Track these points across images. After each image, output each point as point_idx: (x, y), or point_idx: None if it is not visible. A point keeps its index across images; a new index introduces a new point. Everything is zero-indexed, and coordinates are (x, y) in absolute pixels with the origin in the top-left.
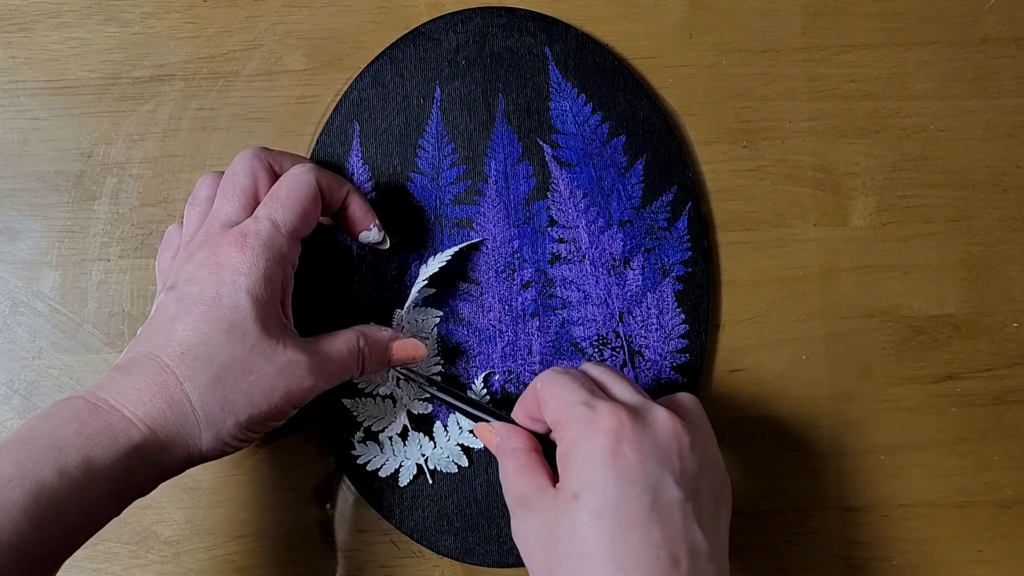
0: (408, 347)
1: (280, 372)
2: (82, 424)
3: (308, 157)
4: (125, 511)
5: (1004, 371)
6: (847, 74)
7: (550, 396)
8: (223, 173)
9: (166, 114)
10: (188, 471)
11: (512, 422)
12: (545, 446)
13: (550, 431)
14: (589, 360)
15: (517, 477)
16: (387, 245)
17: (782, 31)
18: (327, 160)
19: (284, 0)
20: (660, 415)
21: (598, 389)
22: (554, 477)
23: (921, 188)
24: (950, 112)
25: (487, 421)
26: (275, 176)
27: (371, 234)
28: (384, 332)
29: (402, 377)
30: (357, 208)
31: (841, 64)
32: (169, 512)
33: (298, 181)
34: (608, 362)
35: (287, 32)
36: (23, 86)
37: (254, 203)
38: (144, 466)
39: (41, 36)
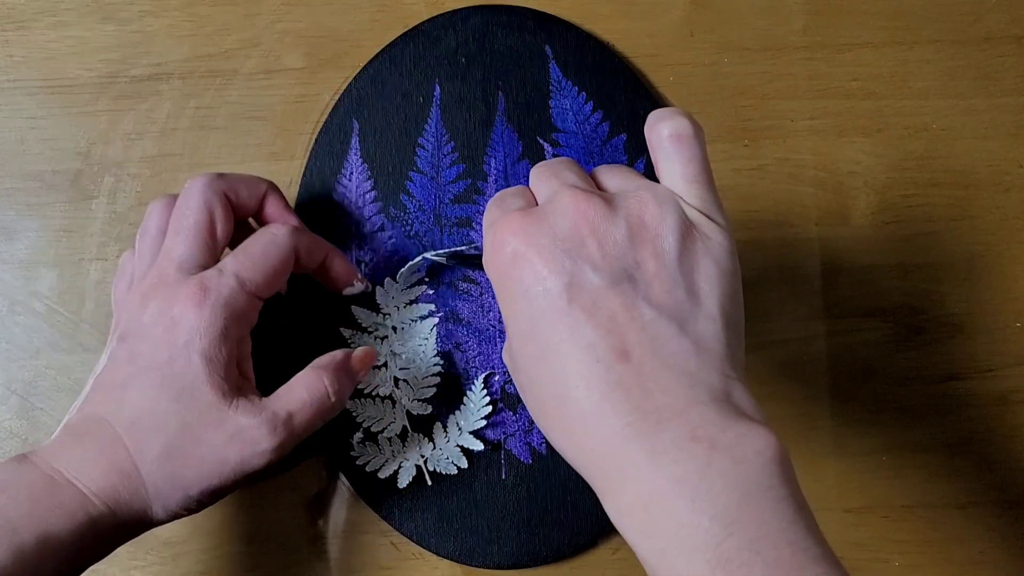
0: (364, 355)
1: (231, 441)
2: (36, 502)
3: (305, 155)
4: None
5: (1006, 371)
6: (849, 73)
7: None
8: (174, 199)
9: (164, 113)
10: None
11: None
12: None
13: None
14: None
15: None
16: (369, 289)
17: (783, 29)
18: (324, 159)
19: None
20: (563, 199)
21: (517, 198)
22: None
23: (923, 187)
24: (952, 111)
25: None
26: (231, 207)
27: (354, 288)
28: (337, 354)
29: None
30: (339, 268)
31: (843, 63)
32: None
33: (275, 242)
34: None
35: (286, 30)
36: (20, 85)
37: (211, 241)
38: (99, 537)
39: (38, 35)
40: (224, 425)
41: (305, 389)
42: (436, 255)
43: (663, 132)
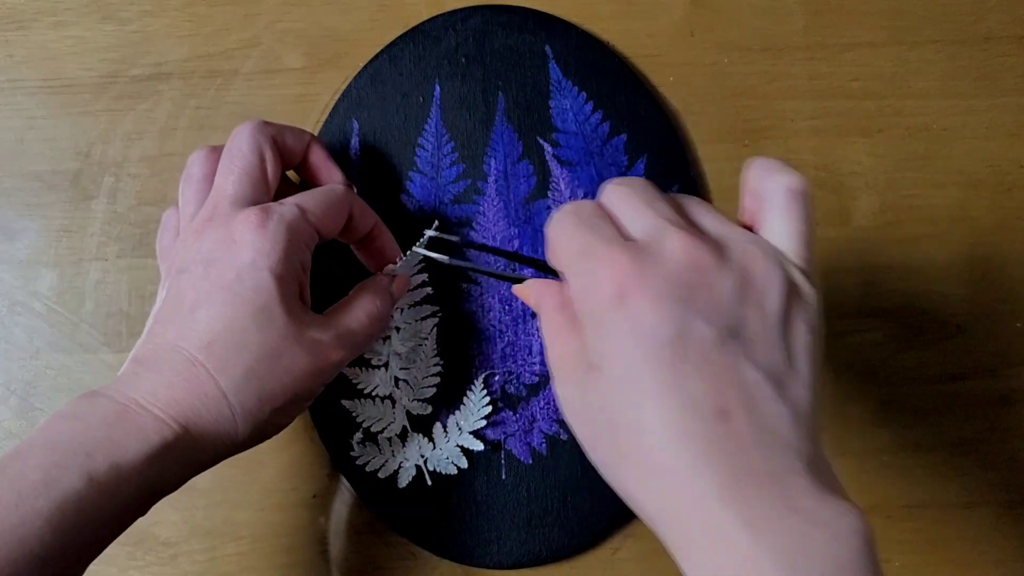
0: (401, 281)
1: (308, 353)
2: (111, 427)
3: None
4: None
5: (1008, 371)
6: (849, 73)
7: (554, 244)
8: (217, 149)
9: (164, 113)
10: None
11: (548, 269)
12: None
13: None
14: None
15: (551, 344)
16: (410, 285)
17: (784, 29)
18: None
19: None
20: (671, 243)
21: (606, 224)
22: None
23: (924, 187)
24: (953, 111)
25: (521, 281)
26: (279, 152)
27: (395, 268)
28: (380, 279)
29: (431, 255)
30: (386, 241)
31: (843, 63)
32: (167, 513)
33: (333, 191)
34: None
35: (286, 30)
36: (20, 85)
37: (263, 181)
38: (176, 464)
39: (39, 35)
40: (302, 340)
41: (362, 309)
42: (462, 264)
43: (782, 184)
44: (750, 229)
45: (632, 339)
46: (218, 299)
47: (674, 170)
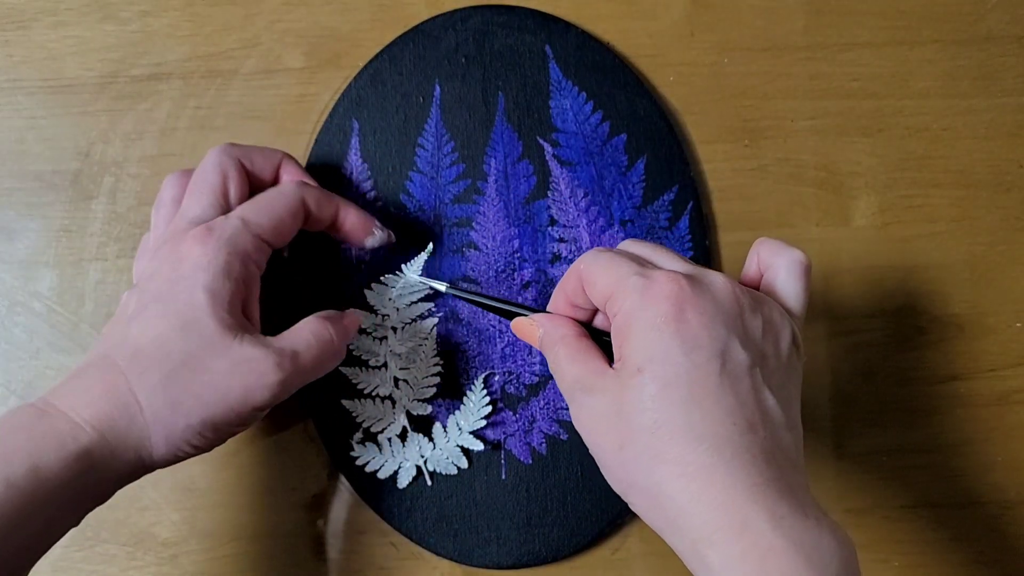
0: (354, 317)
1: (235, 369)
2: (29, 431)
3: (305, 155)
4: (122, 512)
5: (1007, 372)
6: (849, 72)
7: (597, 274)
8: (188, 172)
9: (164, 113)
10: (186, 471)
11: (533, 312)
12: (590, 333)
13: (592, 318)
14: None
15: (571, 364)
16: (393, 240)
17: (784, 29)
18: (324, 159)
19: None
20: (717, 279)
21: (646, 262)
22: (608, 359)
23: (924, 187)
24: (953, 111)
25: (524, 316)
26: (246, 173)
27: (375, 238)
28: (330, 312)
29: (427, 284)
30: (354, 219)
31: (843, 62)
32: (167, 513)
33: (281, 192)
34: None
35: (286, 30)
36: (20, 85)
37: (224, 202)
38: (95, 471)
39: (39, 34)
40: (229, 354)
41: (310, 332)
42: (453, 290)
43: (797, 257)
44: None
45: (685, 347)
46: (152, 311)
47: (674, 170)
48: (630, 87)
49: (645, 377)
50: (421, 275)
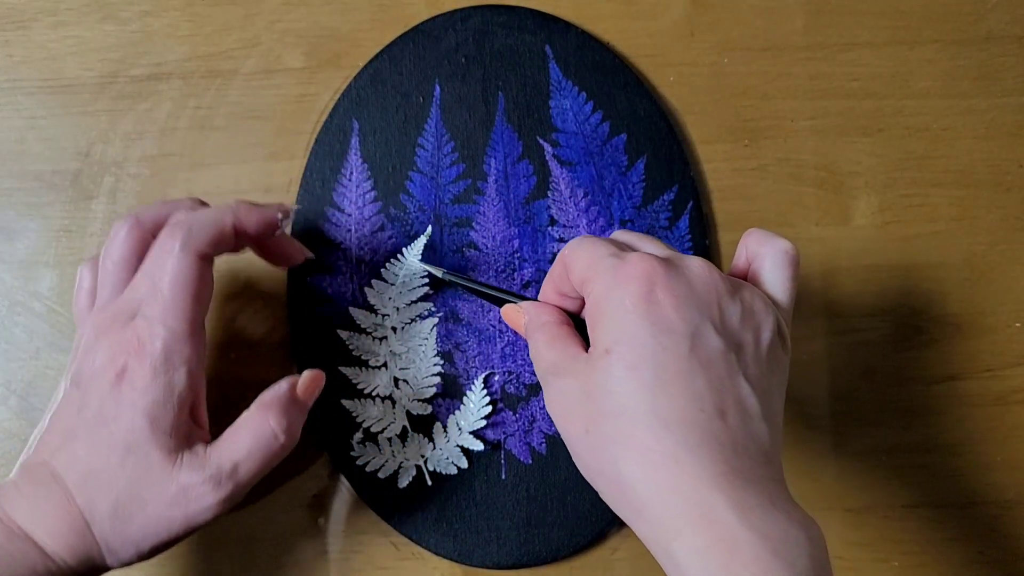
0: (311, 380)
1: (175, 500)
2: (0, 551)
3: (305, 155)
4: None
5: (1006, 371)
6: (849, 72)
7: (576, 257)
8: (137, 223)
9: (164, 113)
10: None
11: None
12: (577, 324)
13: (581, 308)
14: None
15: (548, 349)
16: (290, 218)
17: (784, 29)
18: (324, 159)
19: None
20: (695, 263)
21: (627, 247)
22: (586, 346)
23: (924, 187)
24: (953, 111)
25: (513, 303)
26: (210, 263)
27: (286, 222)
28: (281, 386)
29: (426, 271)
30: (284, 245)
31: (843, 62)
32: None
33: (177, 266)
34: None
35: (286, 30)
36: (20, 85)
37: (195, 307)
38: None
39: (39, 34)
40: (168, 486)
41: (250, 434)
42: (451, 275)
43: (783, 246)
44: None
45: (653, 328)
46: (96, 435)
47: (674, 170)
48: (630, 87)
49: (612, 358)
50: (421, 260)
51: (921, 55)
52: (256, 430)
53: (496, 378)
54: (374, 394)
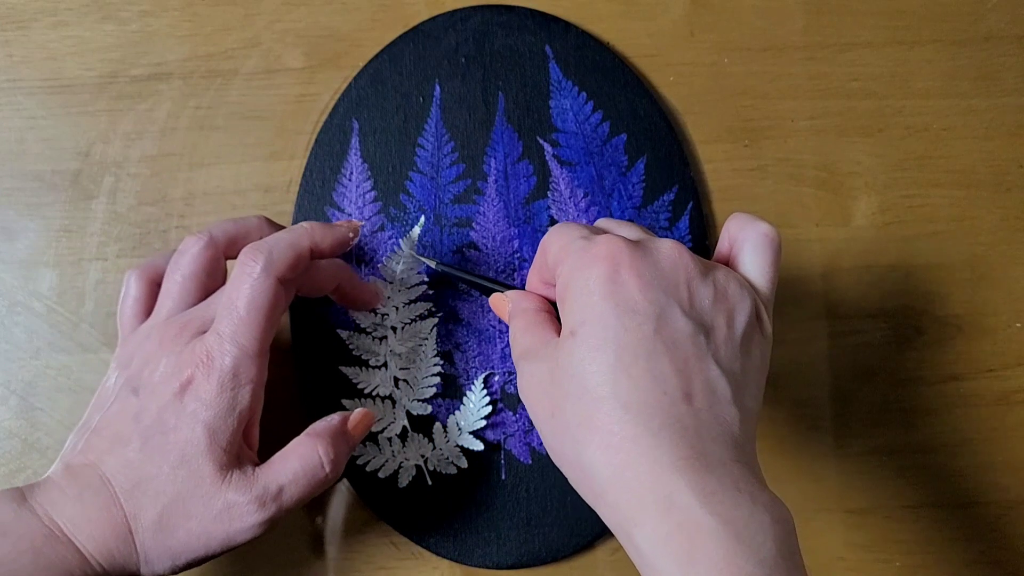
0: (362, 417)
1: (219, 517)
2: (37, 555)
3: (305, 155)
4: None
5: (1007, 372)
6: (849, 72)
7: (551, 241)
8: (211, 242)
9: (164, 113)
10: None
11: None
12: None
13: None
14: None
15: (522, 334)
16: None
17: (784, 29)
18: (324, 159)
19: None
20: (665, 244)
21: (603, 232)
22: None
23: (924, 187)
24: (953, 111)
25: (500, 292)
26: (291, 286)
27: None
28: (333, 419)
29: (413, 259)
30: (361, 292)
31: (843, 62)
32: None
33: (256, 288)
34: None
35: (286, 30)
36: (20, 85)
37: (268, 327)
38: None
39: (38, 34)
40: (215, 501)
41: (299, 460)
42: (444, 266)
43: (763, 229)
44: None
45: (617, 310)
46: (152, 443)
47: (674, 170)
48: (630, 87)
49: (577, 340)
50: (417, 250)
51: (921, 55)
52: (304, 456)
53: (496, 378)
54: (374, 394)
